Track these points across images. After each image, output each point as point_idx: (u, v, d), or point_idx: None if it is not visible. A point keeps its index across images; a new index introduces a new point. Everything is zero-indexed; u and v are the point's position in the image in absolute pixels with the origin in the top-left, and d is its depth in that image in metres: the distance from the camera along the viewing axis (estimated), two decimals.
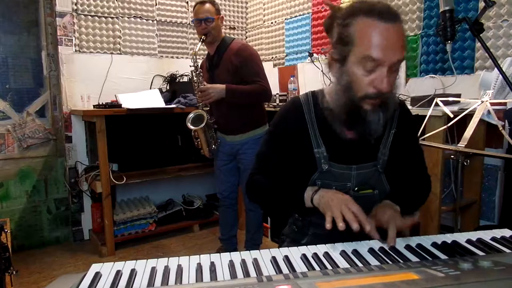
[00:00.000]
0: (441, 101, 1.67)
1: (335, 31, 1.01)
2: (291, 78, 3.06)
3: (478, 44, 2.11)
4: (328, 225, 0.92)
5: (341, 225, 0.90)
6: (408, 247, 0.89)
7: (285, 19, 3.40)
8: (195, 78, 2.32)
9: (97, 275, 0.74)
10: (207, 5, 2.28)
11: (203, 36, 2.28)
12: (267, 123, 2.46)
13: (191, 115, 2.35)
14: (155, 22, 3.34)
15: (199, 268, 0.76)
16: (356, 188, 1.11)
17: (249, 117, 2.35)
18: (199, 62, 2.40)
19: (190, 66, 2.33)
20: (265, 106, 2.98)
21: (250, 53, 2.28)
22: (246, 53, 2.25)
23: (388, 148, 1.12)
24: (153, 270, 0.76)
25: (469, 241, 0.90)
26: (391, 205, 1.04)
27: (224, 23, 3.71)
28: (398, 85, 1.03)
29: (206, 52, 2.48)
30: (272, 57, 3.58)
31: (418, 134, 1.64)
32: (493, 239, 0.91)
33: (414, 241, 0.92)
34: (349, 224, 0.91)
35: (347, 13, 0.97)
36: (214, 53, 2.35)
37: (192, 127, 2.32)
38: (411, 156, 1.20)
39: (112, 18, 3.12)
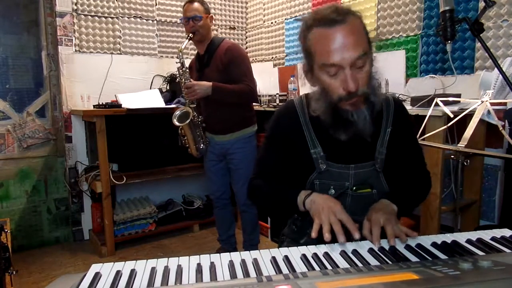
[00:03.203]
0: (441, 101, 1.67)
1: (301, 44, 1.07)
2: (291, 78, 3.06)
3: (478, 44, 2.11)
4: (313, 234, 0.92)
5: (327, 236, 0.89)
6: (408, 247, 0.89)
7: (285, 19, 3.40)
8: (181, 75, 2.32)
9: (97, 275, 0.74)
10: (196, 4, 2.29)
11: (190, 34, 2.29)
12: (255, 123, 2.46)
13: (177, 113, 2.35)
14: (155, 22, 3.34)
15: (199, 268, 0.76)
16: (354, 188, 1.11)
17: (238, 117, 2.35)
18: (186, 60, 2.40)
19: (176, 63, 2.33)
20: (265, 106, 2.99)
21: (239, 53, 2.29)
22: (236, 53, 2.27)
23: (385, 147, 1.12)
24: (153, 270, 0.76)
25: (469, 241, 0.90)
26: (387, 206, 1.03)
27: (224, 23, 3.72)
28: (375, 79, 1.03)
29: (196, 52, 2.48)
30: (272, 57, 3.58)
31: (418, 134, 1.64)
32: (493, 239, 0.91)
33: (414, 241, 0.91)
34: (336, 236, 0.90)
35: (303, 27, 1.03)
36: (204, 52, 2.36)
37: (177, 123, 2.31)
38: (410, 153, 1.20)
39: (112, 18, 3.12)
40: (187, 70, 2.34)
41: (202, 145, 2.42)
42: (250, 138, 2.41)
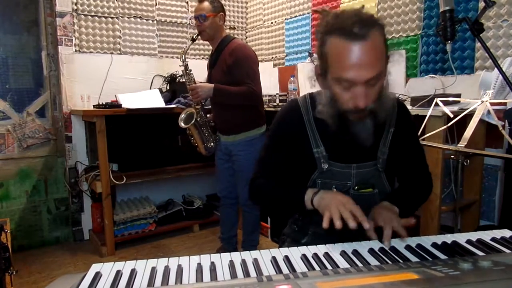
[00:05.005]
0: (441, 101, 1.67)
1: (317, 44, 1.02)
2: (291, 78, 3.06)
3: (478, 44, 2.10)
4: (325, 224, 0.93)
5: (338, 223, 0.90)
6: (408, 247, 0.89)
7: (285, 19, 3.40)
8: (185, 77, 2.34)
9: (97, 275, 0.74)
10: (204, 3, 2.27)
11: (194, 35, 2.30)
12: (262, 126, 2.42)
13: (182, 115, 2.40)
14: (155, 22, 3.34)
15: (199, 268, 0.76)
16: (356, 187, 1.11)
17: (242, 119, 2.33)
18: (190, 61, 2.42)
19: (180, 65, 2.34)
20: (265, 106, 2.98)
21: (244, 54, 2.24)
22: (241, 54, 2.22)
23: (387, 147, 1.12)
24: (153, 270, 0.76)
25: (469, 241, 0.90)
26: (389, 207, 1.04)
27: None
28: (385, 92, 1.01)
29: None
30: (272, 57, 3.58)
31: (418, 134, 1.64)
32: (493, 239, 0.91)
33: (414, 241, 0.92)
34: (346, 222, 0.91)
35: (323, 29, 0.97)
36: (214, 51, 2.36)
37: (183, 125, 2.35)
38: (411, 154, 1.20)
39: (112, 18, 3.12)
40: (191, 72, 2.34)
41: (211, 143, 2.44)
42: (254, 140, 2.35)
